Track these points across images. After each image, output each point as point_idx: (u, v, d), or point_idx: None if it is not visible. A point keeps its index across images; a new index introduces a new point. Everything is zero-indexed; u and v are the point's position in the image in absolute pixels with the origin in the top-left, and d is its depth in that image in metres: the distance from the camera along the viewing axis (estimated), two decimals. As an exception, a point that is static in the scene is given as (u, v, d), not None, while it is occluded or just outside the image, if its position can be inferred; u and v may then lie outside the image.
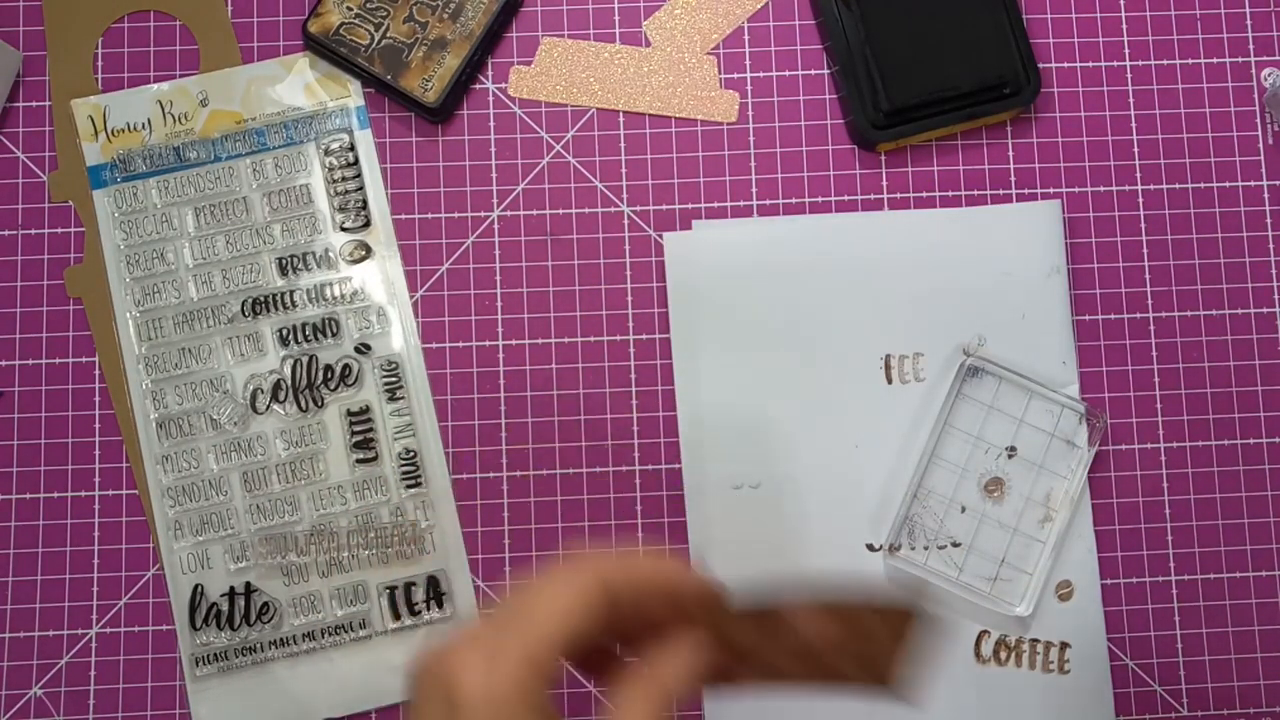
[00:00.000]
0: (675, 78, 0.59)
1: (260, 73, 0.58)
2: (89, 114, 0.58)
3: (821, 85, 0.59)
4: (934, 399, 0.56)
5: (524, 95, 0.59)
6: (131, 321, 0.57)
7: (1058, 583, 0.55)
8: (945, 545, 0.55)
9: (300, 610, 0.55)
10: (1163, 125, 0.59)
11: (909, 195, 0.58)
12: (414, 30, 0.57)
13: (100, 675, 0.55)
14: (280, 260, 0.57)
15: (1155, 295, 0.58)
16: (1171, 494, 0.56)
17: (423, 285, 0.57)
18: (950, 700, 0.54)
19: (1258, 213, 0.58)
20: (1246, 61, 0.59)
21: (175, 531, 0.55)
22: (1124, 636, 0.55)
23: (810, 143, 0.58)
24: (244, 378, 0.56)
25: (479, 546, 0.56)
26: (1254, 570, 0.56)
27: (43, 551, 0.56)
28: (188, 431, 0.56)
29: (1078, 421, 0.55)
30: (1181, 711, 0.55)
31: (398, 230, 0.58)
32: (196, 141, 0.58)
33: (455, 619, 0.55)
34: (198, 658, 0.55)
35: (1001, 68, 0.57)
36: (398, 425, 0.56)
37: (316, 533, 0.55)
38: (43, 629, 0.55)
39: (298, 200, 0.57)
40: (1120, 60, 0.59)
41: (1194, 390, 0.57)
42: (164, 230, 0.57)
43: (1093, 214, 0.58)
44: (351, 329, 0.57)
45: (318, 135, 0.58)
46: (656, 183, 0.58)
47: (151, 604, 0.55)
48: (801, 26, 0.59)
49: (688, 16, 0.59)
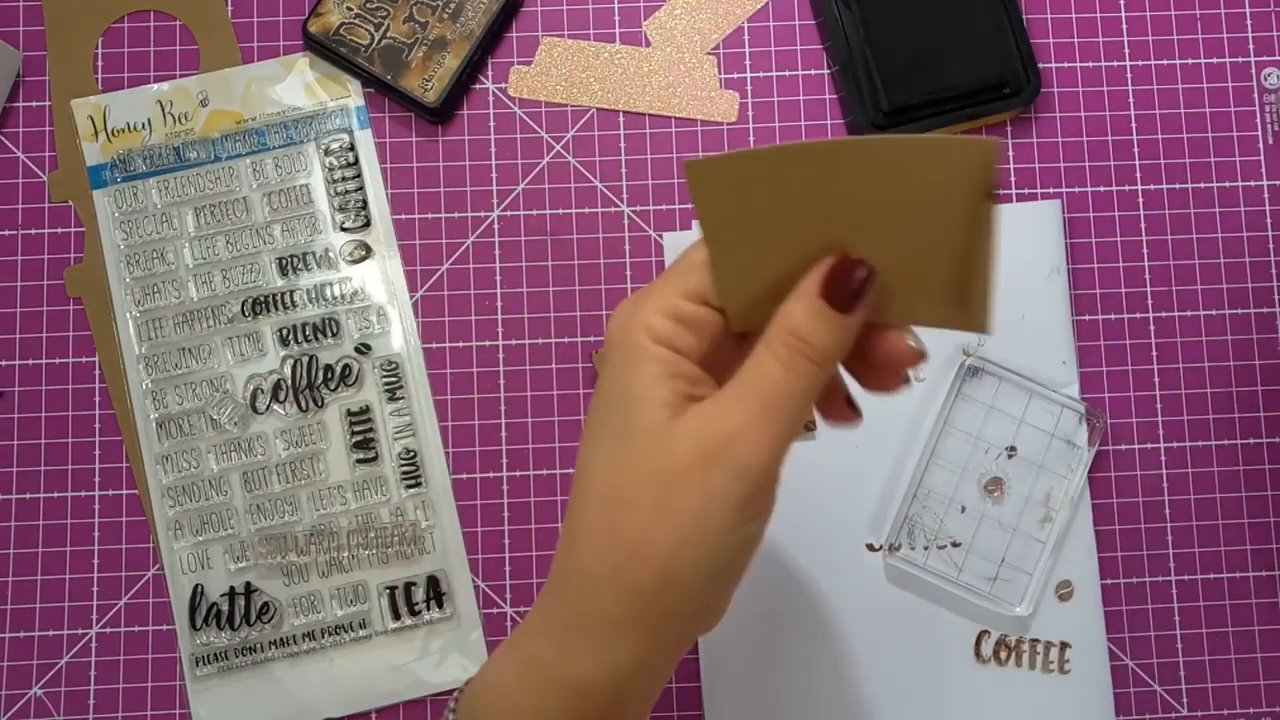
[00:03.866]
0: (675, 78, 0.59)
1: (260, 73, 0.58)
2: (89, 114, 0.58)
3: (821, 85, 0.59)
4: (934, 399, 0.56)
5: (524, 95, 0.59)
6: (131, 321, 0.57)
7: (1058, 583, 0.55)
8: (945, 545, 0.55)
9: (300, 610, 0.55)
10: (1163, 125, 0.59)
11: (909, 195, 0.58)
12: (414, 30, 0.57)
13: (100, 675, 0.55)
14: (280, 260, 0.57)
15: (1155, 295, 0.58)
16: (1171, 494, 0.56)
17: (423, 285, 0.57)
18: (950, 700, 0.54)
19: (1258, 213, 0.58)
20: (1246, 61, 0.59)
21: (175, 531, 0.55)
22: (1124, 636, 0.55)
23: (810, 143, 0.58)
24: (244, 378, 0.56)
25: (479, 546, 0.56)
26: (1254, 570, 0.56)
27: (43, 551, 0.56)
28: (188, 431, 0.56)
29: (1078, 421, 0.55)
30: (1181, 711, 0.55)
31: (398, 230, 0.58)
32: (196, 141, 0.58)
33: (455, 619, 0.55)
34: (198, 658, 0.55)
35: (1001, 68, 0.57)
36: (398, 425, 0.56)
37: (316, 533, 0.55)
38: (43, 629, 0.55)
39: (298, 200, 0.57)
40: (1120, 60, 0.59)
41: (1194, 390, 0.57)
42: (164, 230, 0.57)
43: (1093, 214, 0.58)
44: (351, 329, 0.57)
45: (318, 135, 0.58)
46: (656, 183, 0.58)
47: (151, 604, 0.55)
48: (801, 26, 0.59)
49: (688, 16, 0.59)
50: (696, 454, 0.34)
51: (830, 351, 0.34)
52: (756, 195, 0.34)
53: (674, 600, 0.34)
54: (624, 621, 0.35)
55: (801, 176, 0.34)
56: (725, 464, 0.33)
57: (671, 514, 0.34)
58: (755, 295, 0.36)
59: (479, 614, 0.55)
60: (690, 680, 0.55)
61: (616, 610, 0.35)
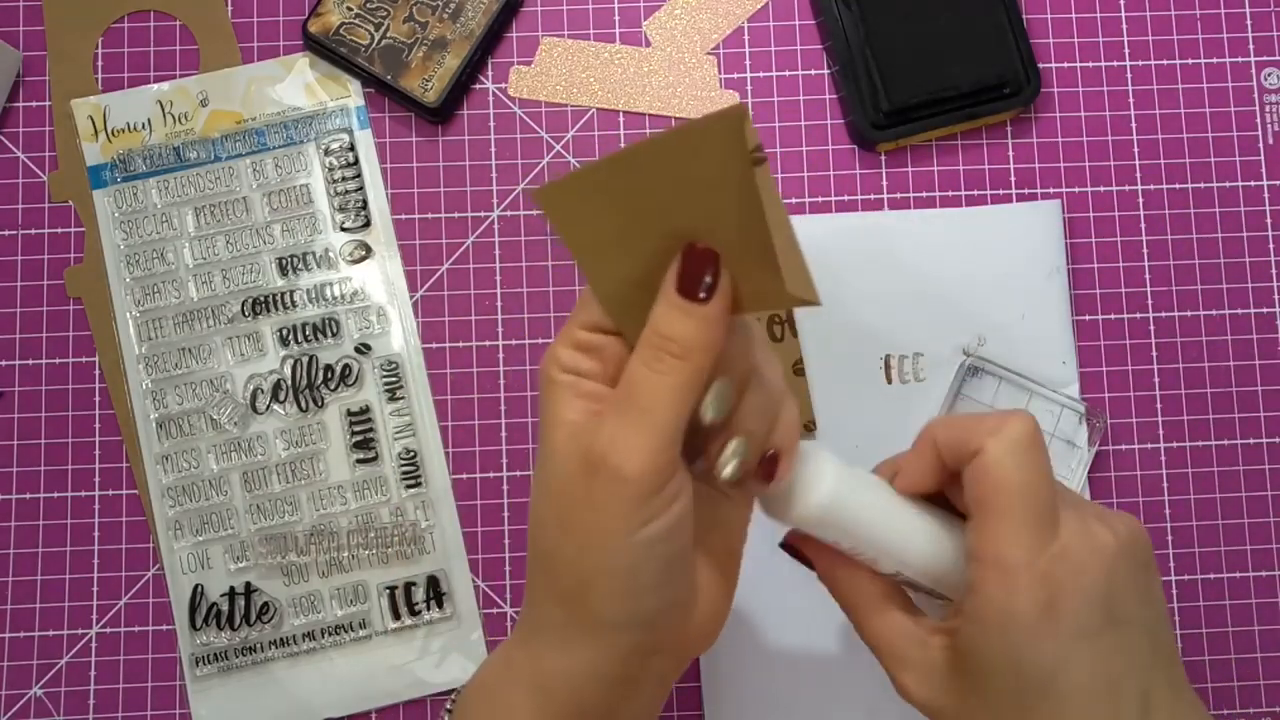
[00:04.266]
0: (675, 78, 0.59)
1: (260, 73, 0.58)
2: (89, 114, 0.58)
3: (821, 85, 0.59)
4: (934, 399, 0.56)
5: (524, 95, 0.59)
6: (131, 321, 0.57)
7: (1058, 583, 0.55)
8: (945, 545, 0.55)
9: (300, 610, 0.55)
10: (1163, 125, 0.59)
11: (909, 195, 0.58)
12: (414, 30, 0.57)
13: (100, 675, 0.55)
14: (280, 260, 0.57)
15: (1155, 295, 0.58)
16: (1171, 494, 0.56)
17: (423, 285, 0.57)
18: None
19: (1258, 213, 0.58)
20: (1246, 61, 0.59)
21: (175, 531, 0.55)
22: (1124, 636, 0.55)
23: (810, 143, 0.58)
24: (244, 378, 0.56)
25: (479, 546, 0.56)
26: (1254, 570, 0.56)
27: (43, 551, 0.56)
28: (188, 431, 0.56)
29: (1078, 421, 0.55)
30: (1181, 711, 0.55)
31: (398, 230, 0.58)
32: (196, 141, 0.58)
33: (455, 619, 0.55)
34: (198, 658, 0.55)
35: (1001, 68, 0.57)
36: (398, 425, 0.56)
37: (316, 533, 0.55)
38: (43, 629, 0.55)
39: (298, 200, 0.57)
40: (1120, 60, 0.59)
41: (1194, 390, 0.57)
42: (164, 230, 0.57)
43: (1093, 214, 0.58)
44: (351, 329, 0.57)
45: (318, 135, 0.58)
46: (656, 183, 0.58)
47: (151, 604, 0.55)
48: (801, 26, 0.59)
49: (688, 16, 0.59)
50: (581, 466, 0.35)
51: (694, 343, 0.35)
52: (600, 209, 0.35)
53: (599, 604, 0.36)
54: (566, 627, 0.37)
55: (625, 185, 0.35)
56: (604, 472, 0.34)
57: (570, 526, 0.35)
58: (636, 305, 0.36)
59: (479, 614, 0.55)
60: (690, 680, 0.55)
61: (557, 617, 0.37)
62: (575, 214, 0.36)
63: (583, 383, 0.36)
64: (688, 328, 0.34)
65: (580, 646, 0.37)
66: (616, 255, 0.36)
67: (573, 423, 0.36)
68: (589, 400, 0.36)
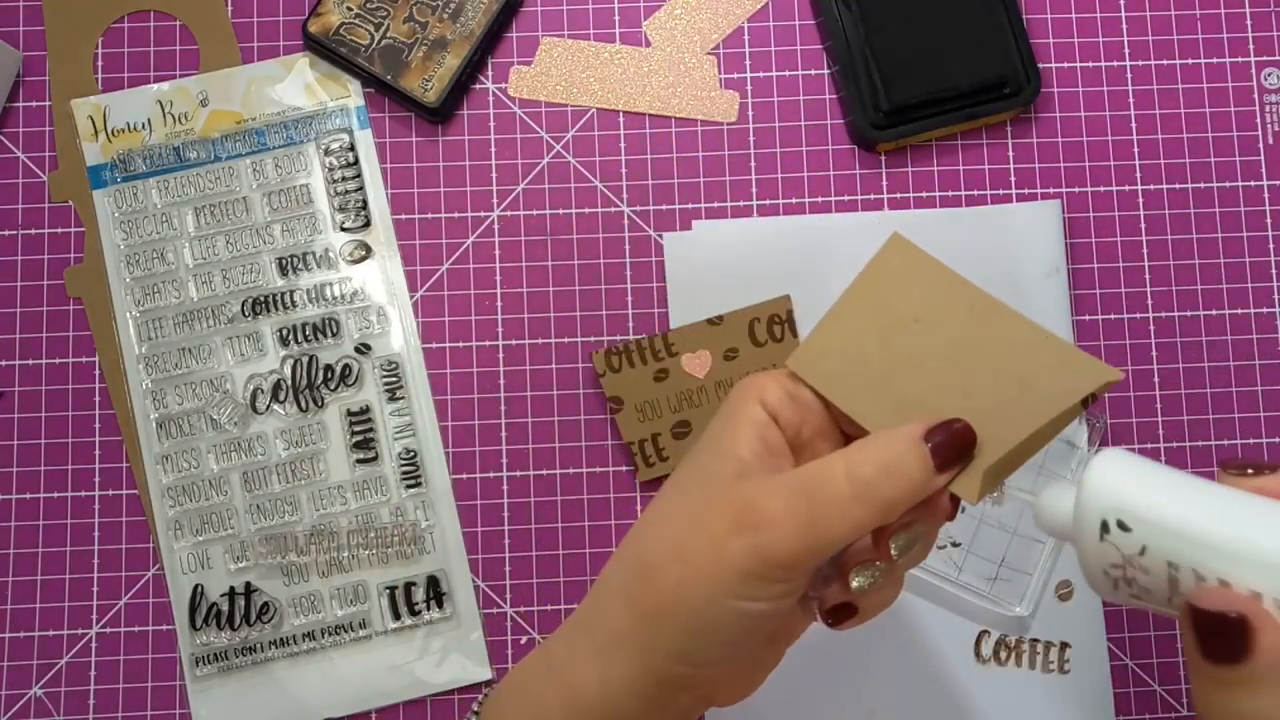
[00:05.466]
0: (675, 78, 0.59)
1: (260, 73, 0.58)
2: (89, 114, 0.58)
3: (821, 85, 0.59)
4: (934, 399, 0.56)
5: (524, 95, 0.59)
6: (131, 321, 0.57)
7: (1058, 583, 0.55)
8: (945, 545, 0.55)
9: (300, 610, 0.55)
10: (1163, 125, 0.59)
11: (909, 195, 0.58)
12: (414, 30, 0.57)
13: (100, 675, 0.55)
14: (280, 260, 0.57)
15: (1155, 295, 0.58)
16: (1171, 494, 0.56)
17: (423, 285, 0.57)
18: (950, 700, 0.54)
19: (1258, 213, 0.58)
20: (1246, 61, 0.59)
21: (175, 531, 0.55)
22: (1124, 636, 0.55)
23: (810, 143, 0.58)
24: (244, 378, 0.56)
25: (479, 546, 0.56)
26: (1254, 570, 0.56)
27: (43, 551, 0.56)
28: (188, 431, 0.56)
29: (1078, 422, 0.55)
30: (1181, 711, 0.55)
31: (398, 230, 0.58)
32: (196, 141, 0.58)
33: (455, 619, 0.55)
34: (198, 658, 0.55)
35: (1001, 68, 0.57)
36: (398, 425, 0.56)
37: (316, 533, 0.55)
38: (43, 629, 0.55)
39: (298, 200, 0.57)
40: (1120, 60, 0.59)
41: (1194, 390, 0.57)
42: (164, 230, 0.57)
43: (1093, 214, 0.58)
44: (351, 329, 0.57)
45: (318, 135, 0.58)
46: (656, 183, 0.58)
47: (151, 604, 0.55)
48: (801, 26, 0.59)
49: (688, 16, 0.59)
50: (731, 516, 0.36)
51: (901, 503, 0.35)
52: (909, 292, 0.38)
53: (667, 631, 0.37)
54: (624, 635, 0.37)
55: (948, 302, 0.38)
56: (746, 538, 0.35)
57: (688, 556, 0.36)
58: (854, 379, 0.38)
59: (479, 614, 0.55)
60: (690, 680, 0.55)
61: (619, 622, 0.37)
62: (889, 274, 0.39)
63: (772, 428, 0.37)
64: (913, 485, 0.35)
65: (625, 660, 0.37)
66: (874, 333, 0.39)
67: (743, 461, 0.37)
68: (767, 449, 0.37)
